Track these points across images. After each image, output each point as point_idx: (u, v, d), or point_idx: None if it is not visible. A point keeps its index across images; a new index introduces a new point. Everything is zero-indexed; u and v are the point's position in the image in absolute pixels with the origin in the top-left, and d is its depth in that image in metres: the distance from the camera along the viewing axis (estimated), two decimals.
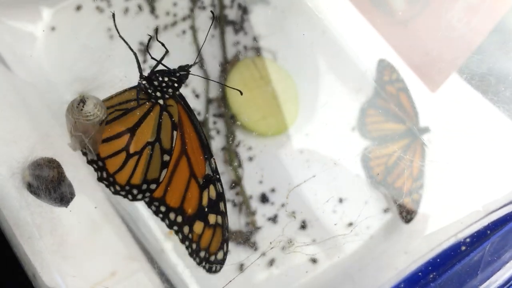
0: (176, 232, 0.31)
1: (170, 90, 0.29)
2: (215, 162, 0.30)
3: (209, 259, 0.31)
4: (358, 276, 0.37)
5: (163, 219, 0.31)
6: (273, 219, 0.41)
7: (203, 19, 0.45)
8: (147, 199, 0.30)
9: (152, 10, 0.44)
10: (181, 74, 0.29)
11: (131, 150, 0.29)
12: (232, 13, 0.45)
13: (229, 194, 0.41)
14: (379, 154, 0.40)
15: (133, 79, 0.29)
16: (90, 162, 0.29)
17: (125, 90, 0.29)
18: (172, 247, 0.39)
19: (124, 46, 0.30)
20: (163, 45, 0.30)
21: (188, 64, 0.30)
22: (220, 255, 0.32)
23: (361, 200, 0.40)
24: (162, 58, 0.30)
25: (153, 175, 0.29)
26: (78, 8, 0.43)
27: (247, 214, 0.40)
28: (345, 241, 0.40)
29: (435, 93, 0.39)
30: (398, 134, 0.40)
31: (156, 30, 0.40)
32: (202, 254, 0.31)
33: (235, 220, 0.40)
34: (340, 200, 0.41)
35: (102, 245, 0.34)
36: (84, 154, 0.28)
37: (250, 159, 0.42)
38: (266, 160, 0.42)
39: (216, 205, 0.31)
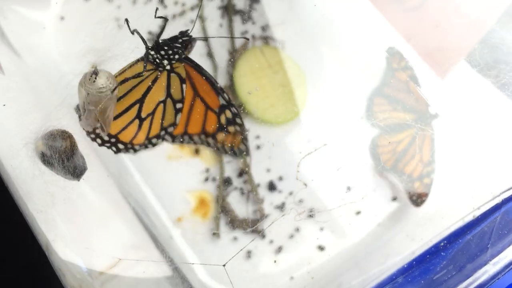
0: (201, 143, 0.37)
1: (176, 56, 0.32)
2: (227, 94, 0.35)
3: (233, 149, 0.38)
4: (364, 262, 0.37)
5: (177, 141, 0.36)
6: (281, 207, 0.41)
7: (211, 8, 0.45)
8: (168, 139, 0.35)
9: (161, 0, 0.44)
10: (184, 39, 0.31)
11: (143, 115, 0.32)
12: (240, 3, 0.45)
13: (236, 182, 0.41)
14: (387, 142, 0.40)
15: (144, 50, 0.30)
16: (101, 144, 0.30)
17: (133, 63, 0.30)
18: (181, 234, 0.39)
19: (132, 27, 0.31)
20: (161, 17, 0.32)
21: (188, 29, 0.32)
22: (242, 146, 0.38)
23: (369, 188, 0.40)
24: (164, 26, 0.32)
25: (169, 121, 0.34)
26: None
27: (255, 202, 0.40)
28: (352, 228, 0.40)
29: (444, 80, 0.39)
30: (407, 122, 0.39)
31: (156, 10, 0.41)
32: (226, 148, 0.37)
33: (243, 208, 0.40)
34: (348, 188, 0.41)
35: (111, 229, 0.35)
36: (93, 139, 0.29)
37: (258, 147, 0.42)
38: (273, 148, 0.42)
39: (233, 120, 0.36)
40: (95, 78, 0.25)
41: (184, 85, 0.34)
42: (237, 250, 0.39)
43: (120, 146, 0.32)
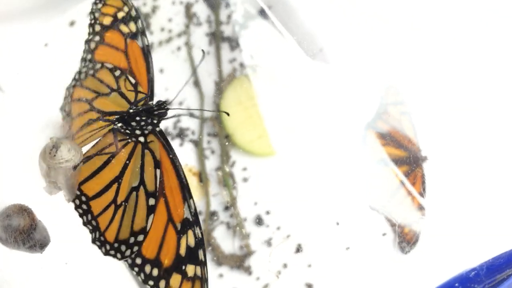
0: (152, 287, 0.27)
1: (149, 127, 0.27)
2: (194, 203, 0.27)
3: None
4: None
5: (138, 273, 0.27)
6: (268, 242, 0.40)
7: (199, 35, 0.44)
8: (133, 255, 0.27)
9: (147, 26, 0.43)
10: (159, 112, 0.27)
11: (119, 201, 0.26)
12: (228, 29, 0.44)
13: (223, 216, 0.40)
14: (377, 178, 0.39)
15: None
16: (84, 224, 0.27)
17: (103, 135, 0.27)
18: None
19: None
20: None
21: (166, 100, 0.28)
22: None
23: (359, 223, 0.39)
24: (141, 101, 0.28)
25: (140, 224, 0.26)
26: (72, 23, 0.42)
27: (241, 237, 0.39)
28: (342, 265, 0.39)
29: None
30: (398, 160, 0.38)
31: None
32: None
33: (229, 244, 0.39)
34: (337, 223, 0.40)
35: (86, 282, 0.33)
36: (85, 225, 0.27)
37: (245, 179, 0.41)
38: (261, 181, 0.41)
39: (195, 253, 0.27)
40: (56, 152, 0.24)
41: (158, 171, 0.26)
42: (223, 287, 0.38)
43: (97, 233, 0.26)
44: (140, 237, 0.26)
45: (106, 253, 0.27)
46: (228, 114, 0.31)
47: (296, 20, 0.43)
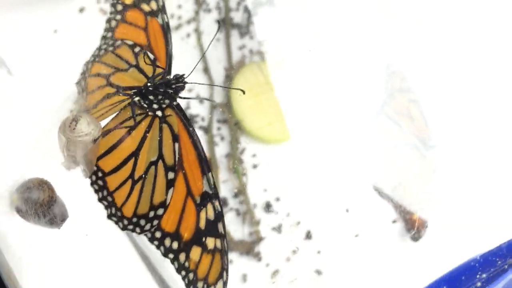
0: (172, 261, 0.28)
1: (166, 101, 0.27)
2: (213, 177, 0.27)
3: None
4: None
5: (158, 247, 0.28)
6: (278, 228, 0.40)
7: (208, 21, 0.44)
8: (153, 229, 0.27)
9: None
10: (177, 85, 0.27)
11: (136, 175, 0.26)
12: (237, 16, 0.44)
13: (233, 203, 0.40)
14: (387, 165, 0.39)
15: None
16: (100, 199, 0.27)
17: (120, 110, 0.27)
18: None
19: None
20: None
21: (184, 74, 0.28)
22: (219, 286, 0.28)
23: (368, 210, 0.39)
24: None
25: (160, 198, 0.27)
26: (81, 10, 0.42)
27: (251, 224, 0.39)
28: (351, 252, 0.39)
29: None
30: (406, 147, 0.38)
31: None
32: (200, 285, 0.28)
33: (238, 230, 0.39)
34: (347, 210, 0.40)
35: (101, 258, 0.34)
36: (100, 200, 0.27)
37: (255, 166, 0.41)
38: (271, 167, 0.41)
39: (215, 226, 0.27)
40: (76, 125, 0.24)
41: (176, 145, 0.27)
42: (232, 273, 0.38)
43: (113, 209, 0.26)
44: (160, 211, 0.27)
45: (124, 228, 0.27)
46: (244, 92, 0.31)
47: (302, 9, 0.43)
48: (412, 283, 0.35)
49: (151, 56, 0.28)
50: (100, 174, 0.26)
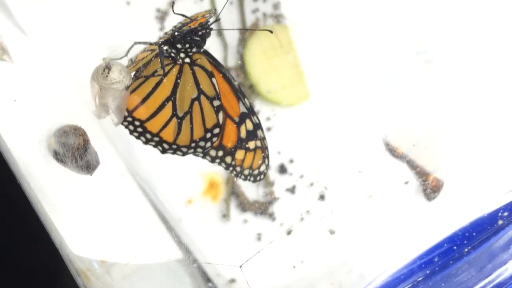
0: (219, 163, 0.33)
1: (194, 49, 0.29)
2: (248, 100, 0.33)
3: (252, 173, 0.35)
4: (378, 247, 0.37)
5: (204, 157, 0.33)
6: (291, 190, 0.40)
7: None
8: (215, 145, 0.32)
9: None
10: (204, 32, 0.29)
11: (180, 113, 0.30)
12: None
13: None
14: (402, 125, 0.39)
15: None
16: (146, 142, 0.29)
17: (150, 60, 0.28)
18: (190, 215, 0.39)
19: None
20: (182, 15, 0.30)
21: (209, 21, 0.30)
22: (262, 168, 0.35)
23: (381, 171, 0.40)
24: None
25: (212, 122, 0.31)
26: None
27: (265, 185, 0.40)
28: (364, 213, 0.39)
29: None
30: (424, 112, 0.38)
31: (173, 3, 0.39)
32: (246, 172, 0.34)
33: (253, 191, 0.40)
34: (360, 171, 0.40)
35: (122, 215, 0.35)
36: (138, 137, 0.29)
37: (269, 129, 0.41)
38: (284, 130, 0.41)
39: (254, 133, 0.33)
40: (108, 73, 0.25)
41: (213, 79, 0.31)
42: (247, 232, 0.39)
43: (165, 145, 0.30)
44: (216, 130, 0.32)
45: (185, 154, 0.32)
46: (271, 32, 0.36)
47: None
48: (426, 241, 0.36)
49: None
50: (137, 123, 0.29)
